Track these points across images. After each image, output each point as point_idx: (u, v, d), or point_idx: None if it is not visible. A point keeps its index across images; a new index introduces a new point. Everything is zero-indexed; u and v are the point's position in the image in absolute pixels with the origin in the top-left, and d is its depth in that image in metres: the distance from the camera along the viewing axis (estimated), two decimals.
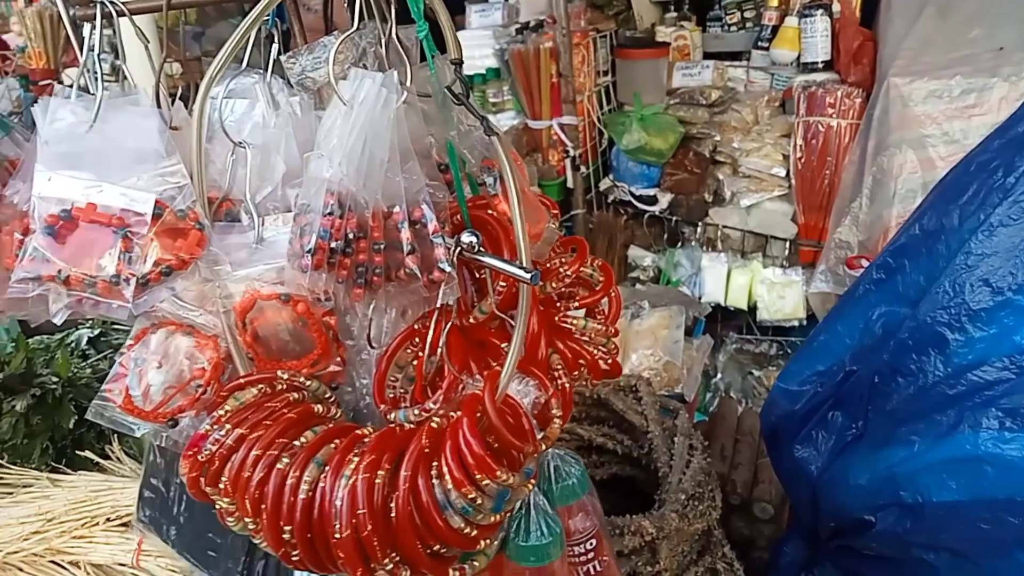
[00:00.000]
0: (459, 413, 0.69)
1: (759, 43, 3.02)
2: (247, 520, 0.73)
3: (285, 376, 0.81)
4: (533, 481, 0.71)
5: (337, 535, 0.66)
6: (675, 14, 3.33)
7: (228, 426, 0.74)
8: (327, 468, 0.71)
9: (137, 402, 0.80)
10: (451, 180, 0.80)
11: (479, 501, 0.64)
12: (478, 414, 0.69)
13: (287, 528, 0.70)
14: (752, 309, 2.97)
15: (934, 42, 2.51)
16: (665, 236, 3.17)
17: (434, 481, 0.67)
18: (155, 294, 0.76)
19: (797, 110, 2.80)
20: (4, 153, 0.81)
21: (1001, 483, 0.87)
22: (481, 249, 0.72)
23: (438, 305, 0.75)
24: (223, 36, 0.82)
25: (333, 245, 0.71)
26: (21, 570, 1.25)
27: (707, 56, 3.23)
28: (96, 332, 1.78)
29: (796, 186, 2.85)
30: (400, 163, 0.72)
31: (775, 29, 2.95)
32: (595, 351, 0.85)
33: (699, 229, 3.07)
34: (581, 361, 0.84)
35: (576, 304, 0.87)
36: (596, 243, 3.20)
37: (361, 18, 0.79)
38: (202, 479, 0.75)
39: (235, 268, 0.80)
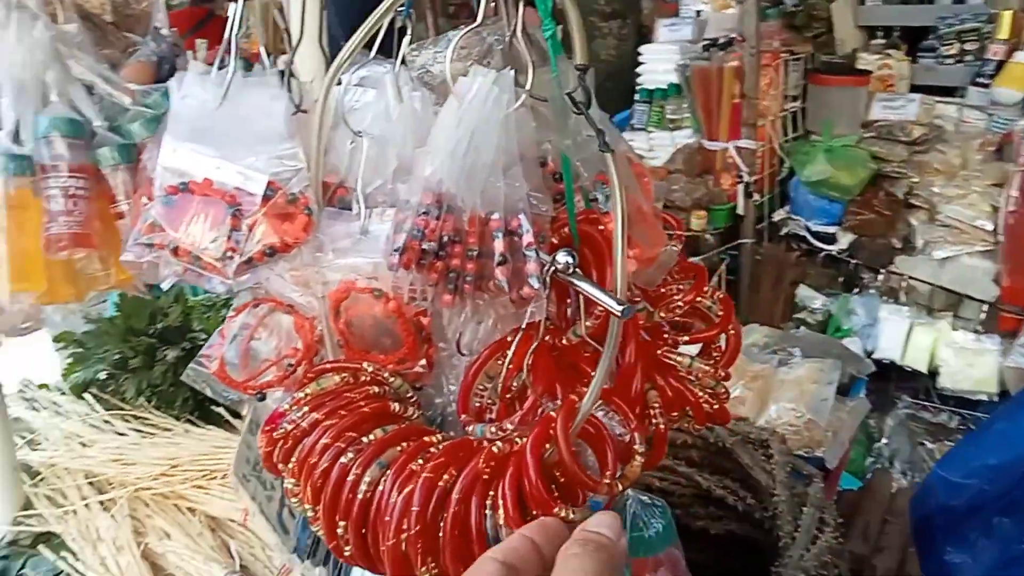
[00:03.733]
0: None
1: (978, 79, 2.71)
2: (307, 506, 0.72)
3: (370, 368, 0.79)
4: None
5: (387, 540, 0.64)
6: (882, 41, 3.06)
7: (305, 408, 0.74)
8: (389, 471, 0.68)
9: (231, 372, 0.82)
10: (564, 191, 0.75)
11: None
12: (547, 444, 0.64)
13: (341, 523, 0.68)
14: (933, 373, 2.66)
15: None
16: (841, 279, 2.92)
17: (487, 512, 0.62)
18: (258, 273, 0.77)
19: (1017, 157, 2.47)
20: None
21: None
22: (577, 271, 0.66)
23: (525, 323, 0.70)
24: None
25: (425, 246, 0.68)
26: (147, 506, 1.35)
27: (914, 89, 2.94)
28: None
29: (1005, 243, 2.52)
30: (504, 168, 0.68)
31: (1000, 65, 2.62)
32: (701, 393, 0.77)
33: (881, 276, 2.80)
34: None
35: (686, 339, 0.79)
36: (761, 277, 3.01)
37: (494, 13, 0.76)
38: (276, 455, 0.76)
39: (337, 256, 0.79)
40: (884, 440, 2.63)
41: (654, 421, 0.74)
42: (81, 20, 1.15)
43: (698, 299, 0.80)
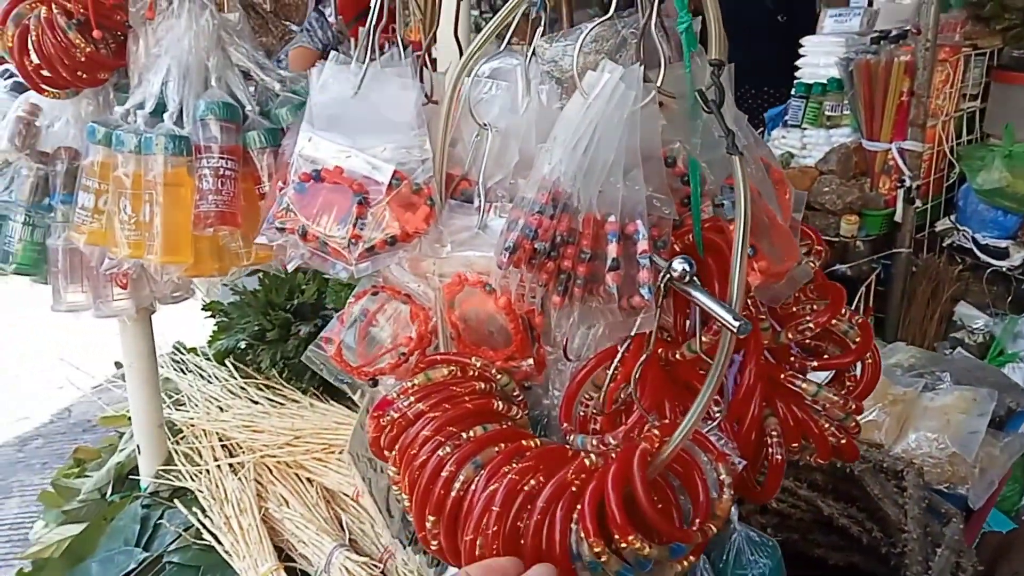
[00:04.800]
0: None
1: None
2: (404, 495, 0.73)
3: (478, 364, 0.79)
4: (689, 562, 0.61)
5: (467, 536, 0.63)
6: None
7: (412, 399, 0.75)
8: (483, 471, 0.67)
9: (348, 356, 0.85)
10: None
11: (607, 561, 0.56)
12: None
13: (431, 517, 0.68)
14: None
15: None
16: (1009, 299, 2.63)
17: (572, 526, 0.60)
18: (378, 261, 0.78)
19: None
20: None
21: None
22: (695, 280, 0.62)
23: (632, 333, 0.67)
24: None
25: (537, 246, 0.66)
26: (271, 472, 1.43)
27: None
28: None
29: None
30: (625, 169, 0.65)
31: None
32: (827, 424, 0.71)
33: None
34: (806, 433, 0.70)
35: (815, 364, 0.73)
36: (916, 291, 2.77)
37: (629, 4, 0.73)
38: (382, 441, 0.77)
39: (455, 249, 0.79)
40: None
41: (770, 451, 0.69)
42: (243, 9, 1.21)
43: (833, 322, 0.73)
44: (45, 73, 1.11)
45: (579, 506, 0.59)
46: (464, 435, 0.71)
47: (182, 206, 1.05)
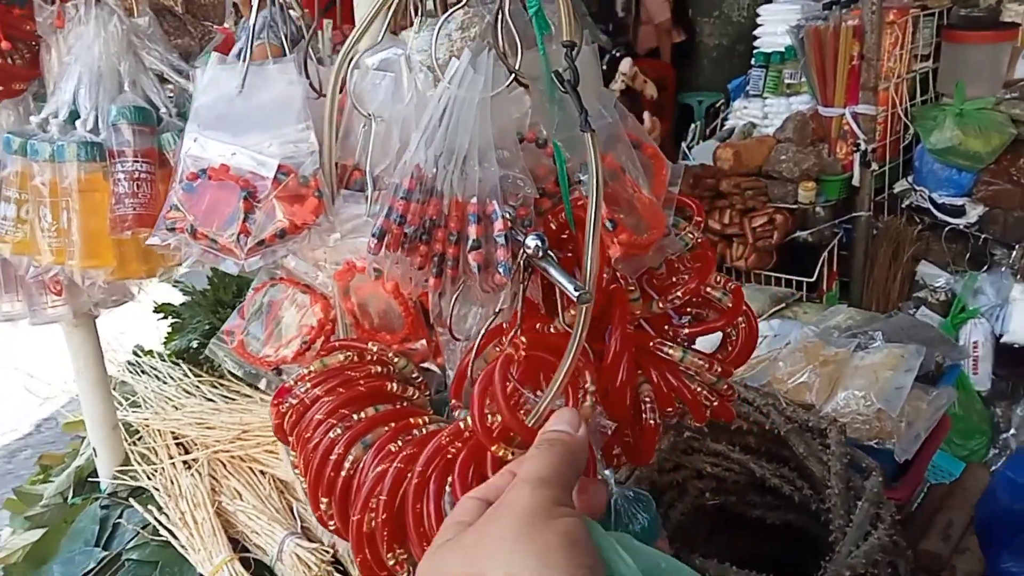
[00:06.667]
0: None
1: None
2: (302, 478, 0.76)
3: (375, 348, 0.81)
4: None
5: (353, 515, 0.66)
6: None
7: (308, 385, 0.77)
8: (371, 451, 0.70)
9: (253, 347, 0.87)
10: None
11: None
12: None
13: (324, 499, 0.71)
14: None
15: None
16: (967, 255, 2.67)
17: (446, 497, 0.63)
18: (269, 254, 0.80)
19: None
20: None
21: None
22: (549, 254, 0.65)
23: (497, 309, 0.69)
24: None
25: (407, 230, 0.68)
26: (225, 467, 1.46)
27: None
28: None
29: None
30: (481, 152, 0.67)
31: None
32: (699, 389, 0.73)
33: (1015, 253, 2.53)
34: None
35: (687, 331, 0.75)
36: (878, 253, 2.80)
37: None
38: (285, 427, 0.80)
39: (345, 237, 0.81)
40: (1012, 431, 2.40)
41: (645, 416, 0.72)
42: (155, 12, 1.23)
43: (708, 290, 0.76)
44: None
45: (454, 468, 0.62)
46: (355, 416, 0.73)
47: (99, 211, 1.06)
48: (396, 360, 0.81)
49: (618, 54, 4.03)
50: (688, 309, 0.78)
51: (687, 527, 1.35)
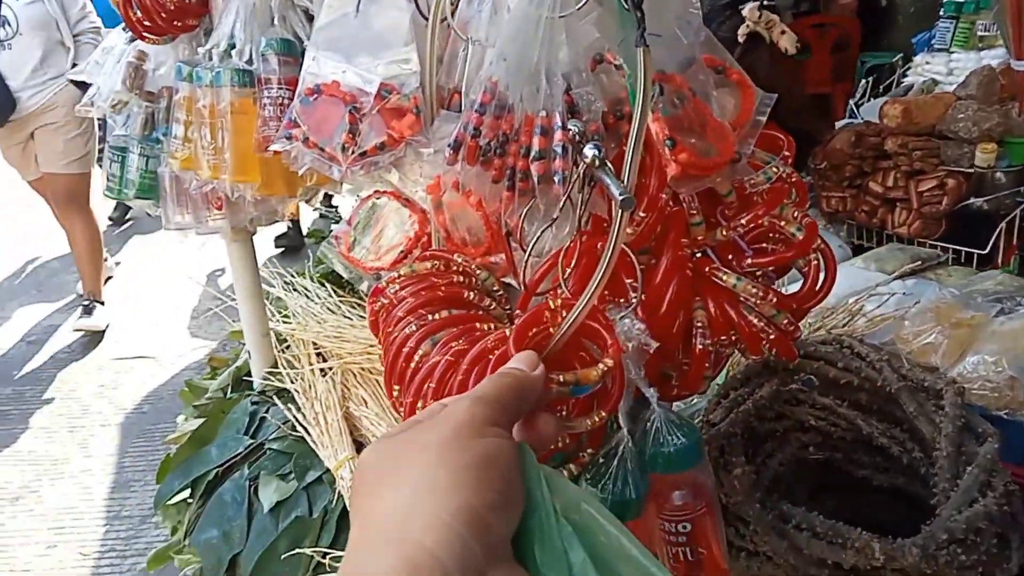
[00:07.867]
0: None
1: None
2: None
3: (460, 260, 0.87)
4: (601, 416, 0.66)
5: (407, 398, 0.73)
6: None
7: (397, 287, 0.85)
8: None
9: (358, 253, 0.96)
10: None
11: None
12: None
13: (396, 387, 0.78)
14: None
15: None
16: None
17: None
18: (369, 164, 0.88)
19: None
20: None
21: None
22: (605, 164, 0.67)
23: (553, 217, 0.72)
24: None
25: (481, 143, 0.73)
26: (355, 376, 1.61)
27: None
28: None
29: None
30: (551, 71, 0.70)
31: None
32: (755, 320, 0.73)
33: None
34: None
35: (750, 261, 0.74)
36: None
37: None
38: (378, 323, 0.88)
39: (438, 153, 0.87)
40: None
41: (695, 341, 0.72)
42: None
43: (782, 224, 0.74)
44: (146, 23, 1.30)
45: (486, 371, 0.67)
46: (431, 316, 0.80)
47: (247, 132, 1.20)
48: (479, 272, 0.87)
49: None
50: (765, 245, 0.77)
51: (788, 479, 1.32)
